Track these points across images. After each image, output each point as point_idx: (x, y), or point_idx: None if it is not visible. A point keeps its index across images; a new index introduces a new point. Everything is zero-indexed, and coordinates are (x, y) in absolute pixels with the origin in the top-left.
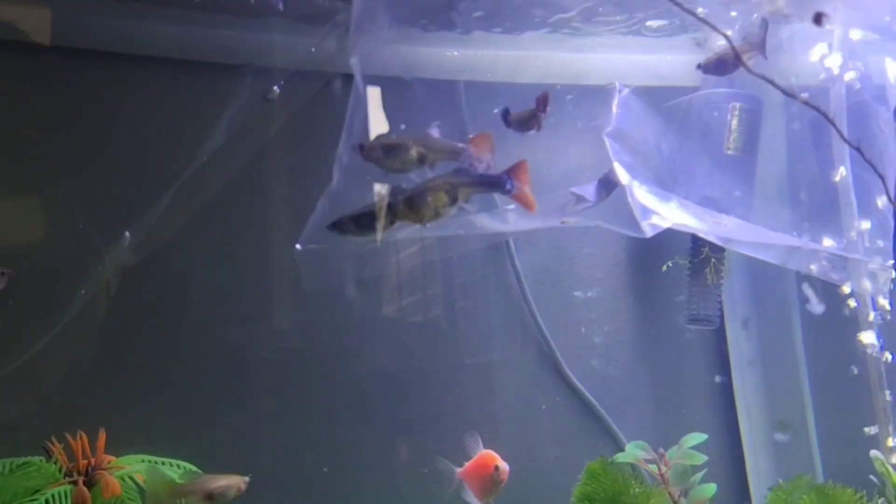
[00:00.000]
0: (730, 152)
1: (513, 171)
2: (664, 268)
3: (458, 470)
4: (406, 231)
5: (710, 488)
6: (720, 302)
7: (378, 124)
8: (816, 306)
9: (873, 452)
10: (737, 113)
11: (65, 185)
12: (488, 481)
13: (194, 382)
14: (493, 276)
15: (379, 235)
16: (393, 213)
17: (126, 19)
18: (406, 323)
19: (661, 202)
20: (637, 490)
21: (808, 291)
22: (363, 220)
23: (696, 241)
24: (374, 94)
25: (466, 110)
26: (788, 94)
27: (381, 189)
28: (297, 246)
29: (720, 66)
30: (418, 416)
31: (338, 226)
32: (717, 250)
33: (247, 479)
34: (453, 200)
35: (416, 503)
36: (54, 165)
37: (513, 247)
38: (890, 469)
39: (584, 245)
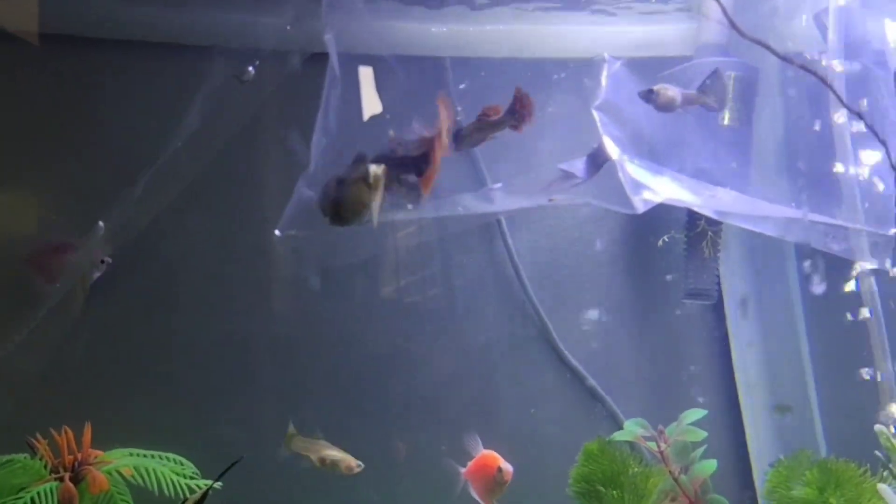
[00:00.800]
0: (725, 123)
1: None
2: (660, 243)
3: (463, 470)
4: (390, 214)
5: (711, 465)
6: (718, 276)
7: (371, 105)
8: (818, 286)
9: (878, 427)
10: (732, 82)
11: (37, 175)
12: (492, 482)
13: (181, 373)
14: (487, 257)
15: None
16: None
17: (97, 3)
18: (401, 307)
19: (653, 176)
20: (636, 469)
21: (809, 270)
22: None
23: (692, 215)
24: (366, 75)
25: (453, 87)
26: (784, 58)
27: None
28: (276, 232)
29: (665, 106)
30: (416, 400)
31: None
32: (714, 223)
33: (360, 464)
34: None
35: (416, 487)
36: (25, 154)
37: (505, 227)
38: (894, 442)
39: (577, 223)
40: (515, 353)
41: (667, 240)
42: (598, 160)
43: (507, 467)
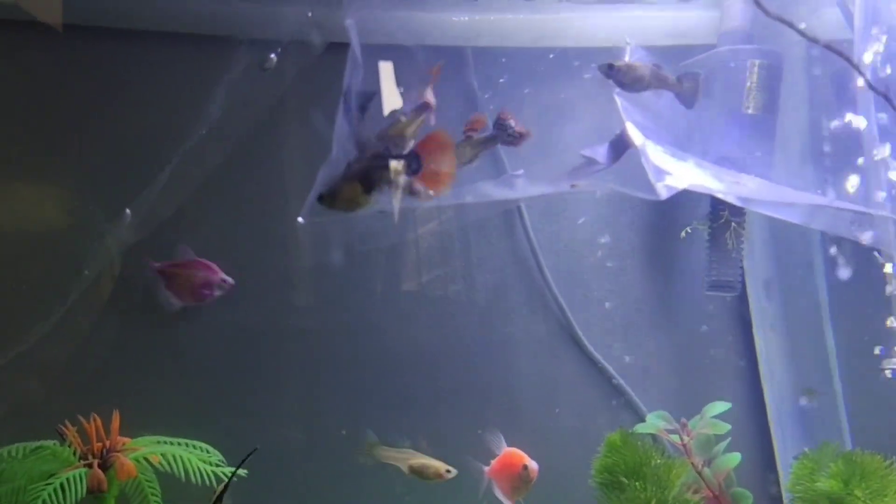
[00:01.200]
0: (749, 111)
1: (423, 146)
2: (683, 234)
3: (486, 469)
4: (409, 201)
5: (735, 458)
6: (741, 267)
7: (391, 97)
8: (843, 271)
9: None
10: (756, 70)
11: (64, 164)
12: (517, 480)
13: (204, 362)
14: (508, 249)
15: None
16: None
17: None
18: (423, 299)
19: (676, 162)
20: (658, 461)
21: (836, 254)
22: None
23: (715, 205)
24: (386, 70)
25: (476, 78)
26: (808, 37)
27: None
28: (300, 219)
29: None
30: (438, 394)
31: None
32: (737, 214)
33: (452, 470)
34: (369, 189)
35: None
36: (52, 143)
37: (527, 219)
38: None
39: (599, 213)
40: (537, 345)
41: (689, 231)
42: (620, 146)
43: (533, 465)
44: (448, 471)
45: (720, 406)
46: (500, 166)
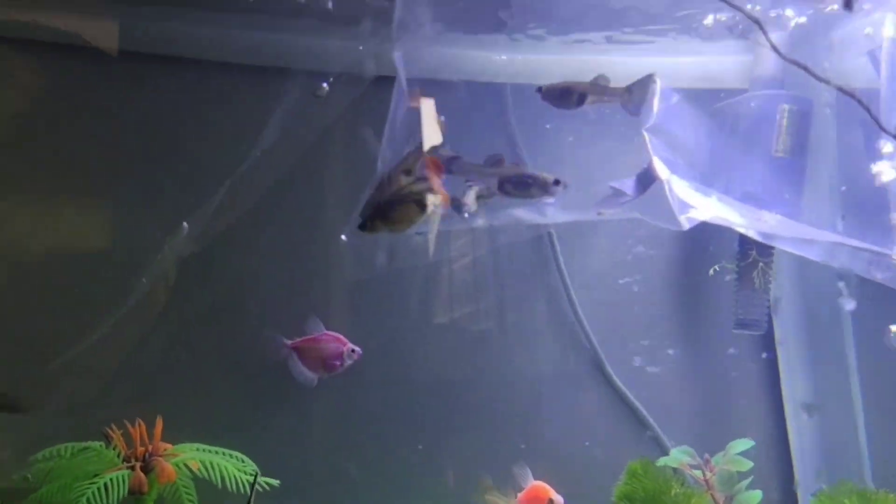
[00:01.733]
0: (778, 154)
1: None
2: (711, 272)
3: (513, 502)
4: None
5: (756, 496)
6: (768, 307)
7: (432, 136)
8: (848, 303)
9: None
10: (786, 114)
11: (128, 182)
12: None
13: (249, 376)
14: (540, 280)
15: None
16: (371, 221)
17: (182, 24)
18: (453, 329)
19: (700, 196)
20: (678, 490)
21: (842, 286)
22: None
23: (744, 245)
24: (427, 106)
25: (513, 114)
26: (827, 82)
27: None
28: (343, 237)
29: (563, 95)
30: (465, 418)
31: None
32: (765, 254)
33: None
34: (423, 208)
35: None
36: (118, 163)
37: (559, 249)
38: None
39: (630, 248)
40: (566, 378)
41: (718, 269)
42: (647, 179)
43: (559, 499)
44: None
45: (744, 443)
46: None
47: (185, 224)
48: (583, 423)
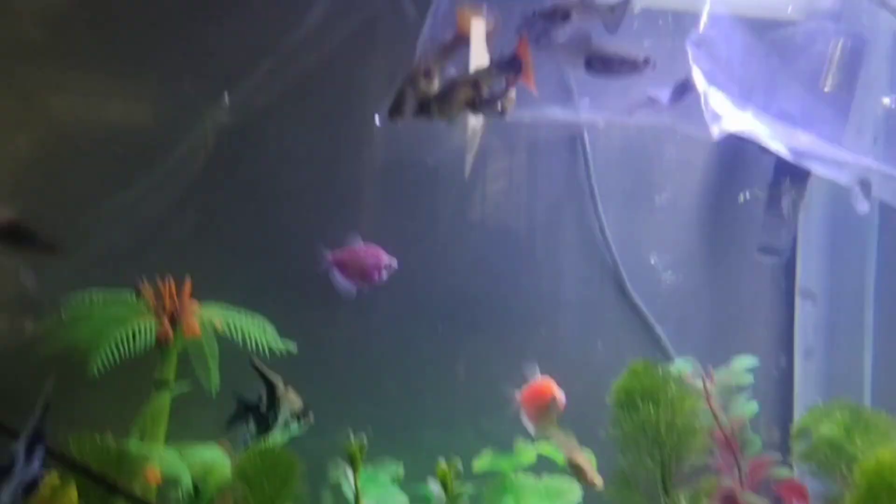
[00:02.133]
0: (826, 89)
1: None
2: (741, 198)
3: (518, 392)
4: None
5: (752, 406)
6: (795, 236)
7: (480, 57)
8: (861, 204)
9: None
10: (839, 48)
11: (171, 53)
12: (544, 409)
13: (277, 249)
14: (566, 184)
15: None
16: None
17: None
18: (477, 223)
19: (734, 110)
20: (674, 389)
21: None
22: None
23: (778, 172)
24: (477, 26)
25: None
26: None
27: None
28: (376, 121)
29: (551, 14)
30: (483, 319)
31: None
32: (798, 182)
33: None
34: (479, 93)
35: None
36: (152, 40)
37: (591, 161)
38: None
39: (661, 162)
40: (583, 284)
41: (748, 196)
42: (683, 90)
43: (561, 397)
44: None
45: (747, 360)
46: (568, 93)
47: (225, 94)
48: (597, 331)
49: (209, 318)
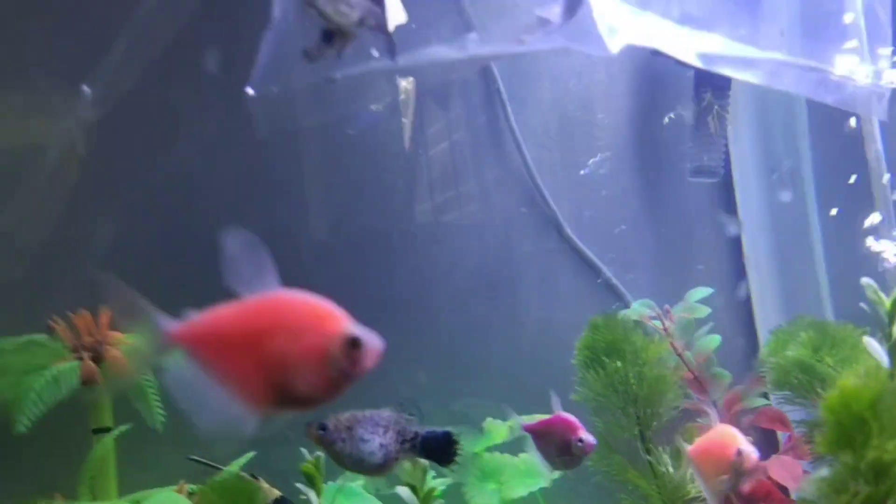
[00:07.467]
0: None
1: None
2: (666, 120)
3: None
4: (369, 65)
5: (714, 339)
6: (726, 152)
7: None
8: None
9: (864, 280)
10: None
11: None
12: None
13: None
14: (490, 137)
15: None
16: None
17: None
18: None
19: (632, 17)
20: (637, 339)
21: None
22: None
23: (699, 88)
24: None
25: None
26: None
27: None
28: (249, 90)
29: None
30: (434, 272)
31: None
32: (721, 97)
33: None
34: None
35: None
36: None
37: (509, 108)
38: (882, 296)
39: (583, 103)
40: (525, 238)
41: (672, 117)
42: (574, 4)
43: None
44: None
45: (702, 291)
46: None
47: (84, 87)
48: (547, 284)
49: (138, 346)
